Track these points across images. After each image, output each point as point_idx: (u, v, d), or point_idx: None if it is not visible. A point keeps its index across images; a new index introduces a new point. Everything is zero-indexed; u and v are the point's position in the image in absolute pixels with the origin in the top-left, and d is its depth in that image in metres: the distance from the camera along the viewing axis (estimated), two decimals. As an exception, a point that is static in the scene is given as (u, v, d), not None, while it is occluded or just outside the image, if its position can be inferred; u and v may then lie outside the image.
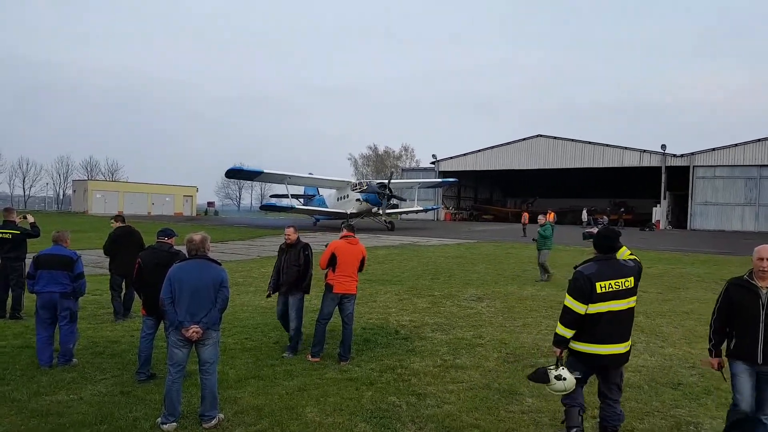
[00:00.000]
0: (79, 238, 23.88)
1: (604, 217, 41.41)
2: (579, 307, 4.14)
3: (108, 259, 9.08)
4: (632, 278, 4.24)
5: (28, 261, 7.03)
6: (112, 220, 9.28)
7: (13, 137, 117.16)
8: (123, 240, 8.81)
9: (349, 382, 5.88)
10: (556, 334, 4.31)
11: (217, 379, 4.95)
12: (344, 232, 6.95)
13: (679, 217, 44.63)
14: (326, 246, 6.94)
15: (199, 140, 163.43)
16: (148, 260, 6.07)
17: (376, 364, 6.50)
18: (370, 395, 5.46)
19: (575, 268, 4.37)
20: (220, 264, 4.99)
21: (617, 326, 4.22)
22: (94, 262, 16.20)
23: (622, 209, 47.39)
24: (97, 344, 7.19)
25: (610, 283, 4.14)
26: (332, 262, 6.65)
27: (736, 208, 41.26)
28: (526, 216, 33.87)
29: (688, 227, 42.05)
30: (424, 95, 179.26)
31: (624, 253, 4.43)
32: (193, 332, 4.62)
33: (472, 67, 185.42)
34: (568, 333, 4.22)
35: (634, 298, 4.29)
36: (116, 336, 7.66)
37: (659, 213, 43.36)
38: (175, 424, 4.61)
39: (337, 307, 6.79)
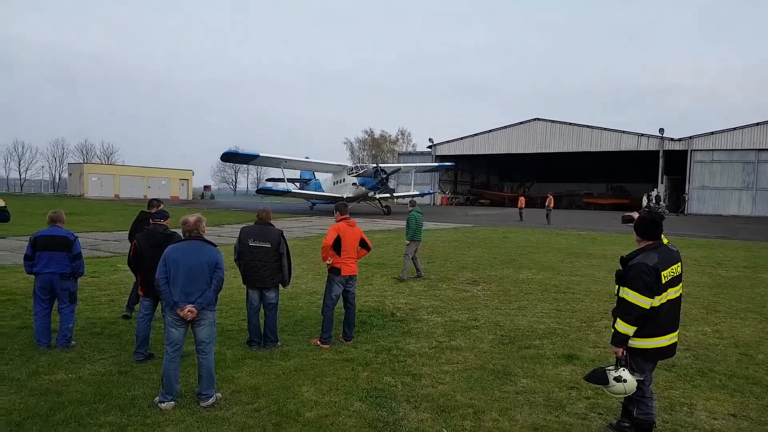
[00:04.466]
0: (77, 221, 23.84)
1: (662, 203, 40.72)
2: (645, 302, 3.87)
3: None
4: (679, 264, 4.08)
5: None
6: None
7: (6, 120, 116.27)
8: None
9: (345, 362, 5.92)
10: (617, 332, 3.97)
11: (215, 359, 4.99)
12: (340, 215, 6.90)
13: (676, 201, 44.71)
14: (328, 230, 6.88)
15: (195, 124, 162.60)
16: (144, 242, 6.07)
17: (371, 346, 6.55)
18: (366, 375, 5.51)
19: (624, 259, 4.07)
20: (215, 245, 4.99)
21: (674, 314, 4.07)
22: (91, 244, 16.19)
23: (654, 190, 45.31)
24: (95, 325, 7.21)
25: (669, 271, 3.96)
26: (337, 244, 6.64)
27: (734, 193, 41.34)
28: (522, 200, 33.82)
29: (685, 211, 42.17)
30: (422, 79, 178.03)
31: (664, 240, 4.18)
32: (188, 311, 4.65)
33: (469, 50, 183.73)
34: (631, 330, 3.93)
35: (682, 284, 4.13)
36: (114, 317, 7.68)
37: (655, 197, 43.38)
38: (172, 402, 4.65)
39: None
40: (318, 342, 6.56)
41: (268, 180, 48.82)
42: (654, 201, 40.31)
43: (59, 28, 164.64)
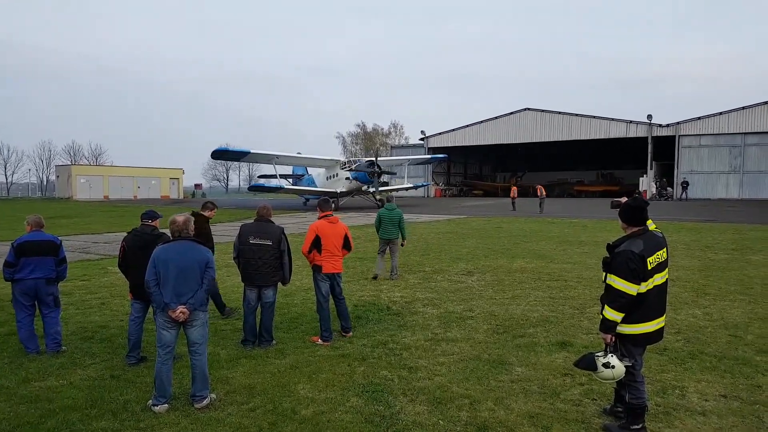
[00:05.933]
0: (66, 224, 23.60)
1: (669, 188, 40.66)
2: (632, 289, 3.90)
3: None
4: (665, 249, 4.10)
5: None
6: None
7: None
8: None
9: (341, 358, 5.91)
10: (605, 319, 4.00)
11: (209, 359, 4.95)
12: (322, 212, 6.83)
13: (664, 187, 44.98)
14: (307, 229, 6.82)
15: (184, 121, 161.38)
16: (133, 243, 6.00)
17: (368, 340, 6.54)
18: (362, 370, 5.50)
19: (611, 246, 4.10)
20: (204, 245, 4.94)
21: (661, 300, 4.11)
22: (81, 247, 16.03)
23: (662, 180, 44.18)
24: (86, 329, 7.13)
25: (655, 257, 3.97)
26: (316, 243, 6.60)
27: (722, 176, 41.71)
28: (514, 190, 33.89)
29: (674, 196, 42.51)
30: (412, 72, 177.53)
31: (650, 225, 4.20)
32: (180, 313, 4.60)
33: (458, 43, 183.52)
34: (619, 317, 3.96)
35: (668, 269, 4.17)
36: (105, 320, 7.61)
37: (645, 183, 43.74)
38: (166, 405, 4.61)
39: None
40: (318, 340, 6.53)
41: (261, 177, 48.56)
42: (660, 186, 40.58)
43: (49, 29, 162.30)
